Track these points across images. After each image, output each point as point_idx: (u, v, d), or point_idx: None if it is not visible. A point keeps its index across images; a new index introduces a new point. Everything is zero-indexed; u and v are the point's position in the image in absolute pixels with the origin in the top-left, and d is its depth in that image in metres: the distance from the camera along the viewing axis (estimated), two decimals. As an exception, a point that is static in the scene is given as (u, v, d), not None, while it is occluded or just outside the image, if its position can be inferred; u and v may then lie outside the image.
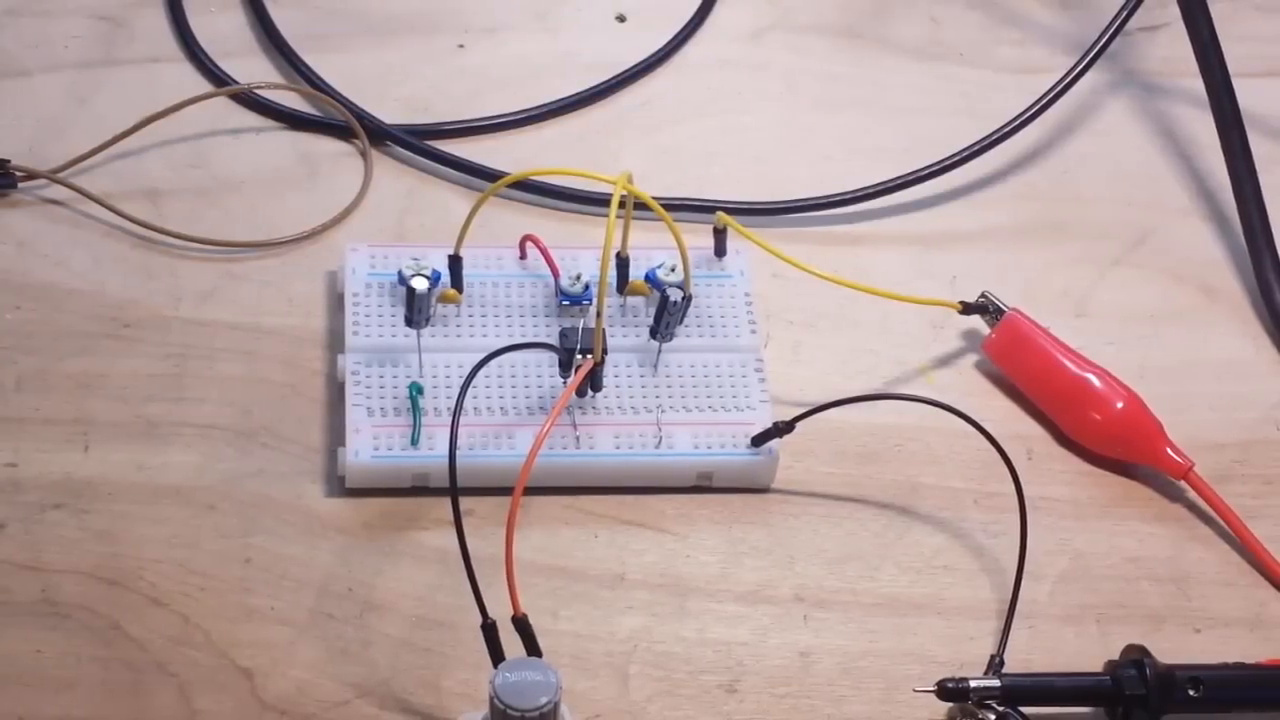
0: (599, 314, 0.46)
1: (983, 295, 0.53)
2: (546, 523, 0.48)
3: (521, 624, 0.43)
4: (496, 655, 0.43)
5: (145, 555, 0.46)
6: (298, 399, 0.50)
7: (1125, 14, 0.59)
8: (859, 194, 0.57)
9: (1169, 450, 0.50)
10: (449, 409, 0.48)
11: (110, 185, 0.55)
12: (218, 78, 0.59)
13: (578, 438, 0.49)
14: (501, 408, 0.49)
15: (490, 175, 0.56)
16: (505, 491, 0.45)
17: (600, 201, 0.56)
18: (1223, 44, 0.58)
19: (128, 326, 0.51)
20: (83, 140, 0.55)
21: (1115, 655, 0.46)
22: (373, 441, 0.48)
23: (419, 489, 0.48)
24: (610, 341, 0.49)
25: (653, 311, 0.50)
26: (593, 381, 0.48)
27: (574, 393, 0.48)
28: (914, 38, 0.64)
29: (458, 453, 0.45)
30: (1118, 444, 0.51)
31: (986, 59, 0.64)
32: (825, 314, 0.54)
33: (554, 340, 0.49)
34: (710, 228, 0.53)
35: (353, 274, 0.51)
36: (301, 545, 0.47)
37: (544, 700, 0.39)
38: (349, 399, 0.49)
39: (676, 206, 0.55)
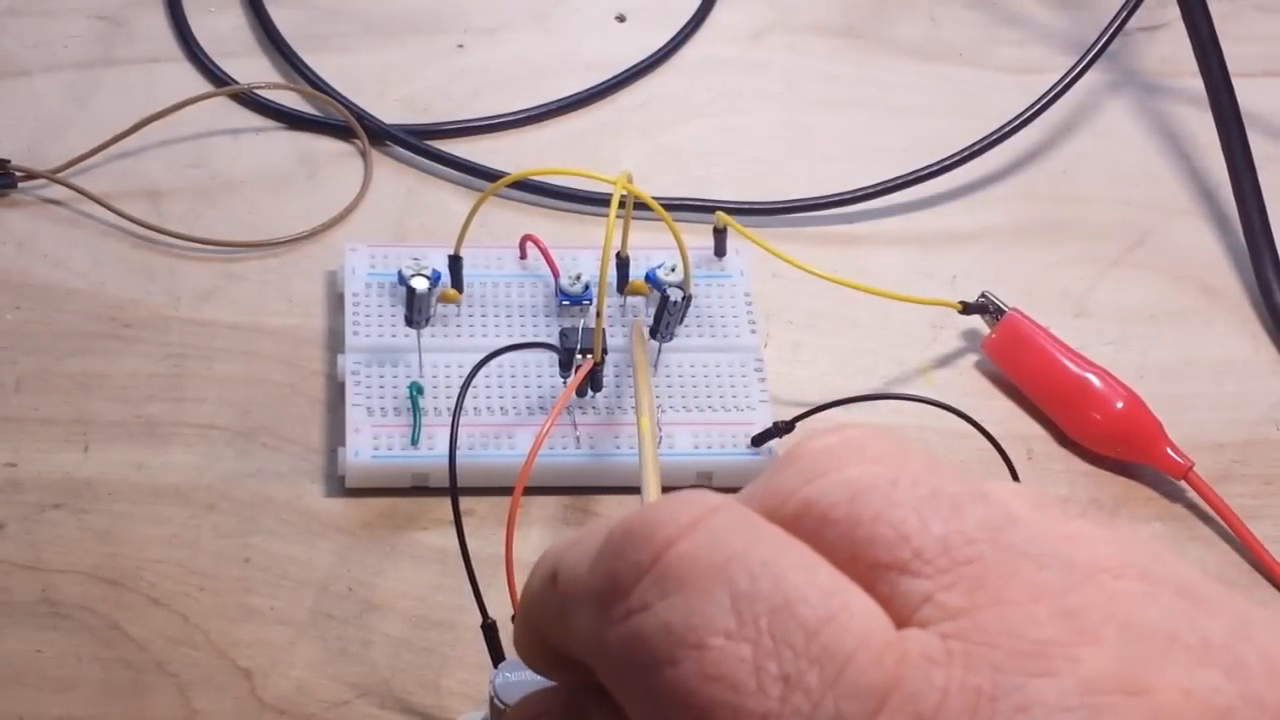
0: (599, 314, 0.46)
1: (983, 295, 0.53)
2: (546, 523, 0.48)
3: (521, 624, 0.43)
4: (496, 655, 0.43)
5: (145, 555, 0.46)
6: (297, 399, 0.50)
7: (1125, 14, 0.59)
8: (859, 194, 0.57)
9: (1169, 450, 0.50)
10: (449, 409, 0.48)
11: (110, 185, 0.55)
12: (217, 78, 0.59)
13: (578, 438, 0.49)
14: (501, 408, 0.49)
15: (490, 175, 0.56)
16: (505, 491, 0.45)
17: (600, 201, 0.56)
18: (1223, 44, 0.58)
19: (127, 326, 0.51)
20: (82, 140, 0.55)
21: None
22: (373, 441, 0.48)
23: (419, 489, 0.48)
24: (610, 341, 0.49)
25: (653, 311, 0.50)
26: (593, 381, 0.48)
27: (574, 393, 0.48)
28: (914, 38, 0.64)
29: (458, 453, 0.45)
30: (1118, 444, 0.51)
31: (986, 59, 0.64)
32: (825, 314, 0.54)
33: (554, 340, 0.49)
34: (710, 228, 0.53)
35: (352, 274, 0.51)
36: (301, 545, 0.47)
37: (544, 700, 0.39)
38: (349, 399, 0.49)
39: (676, 206, 0.55)
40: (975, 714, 0.21)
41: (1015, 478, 0.48)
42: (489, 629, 0.43)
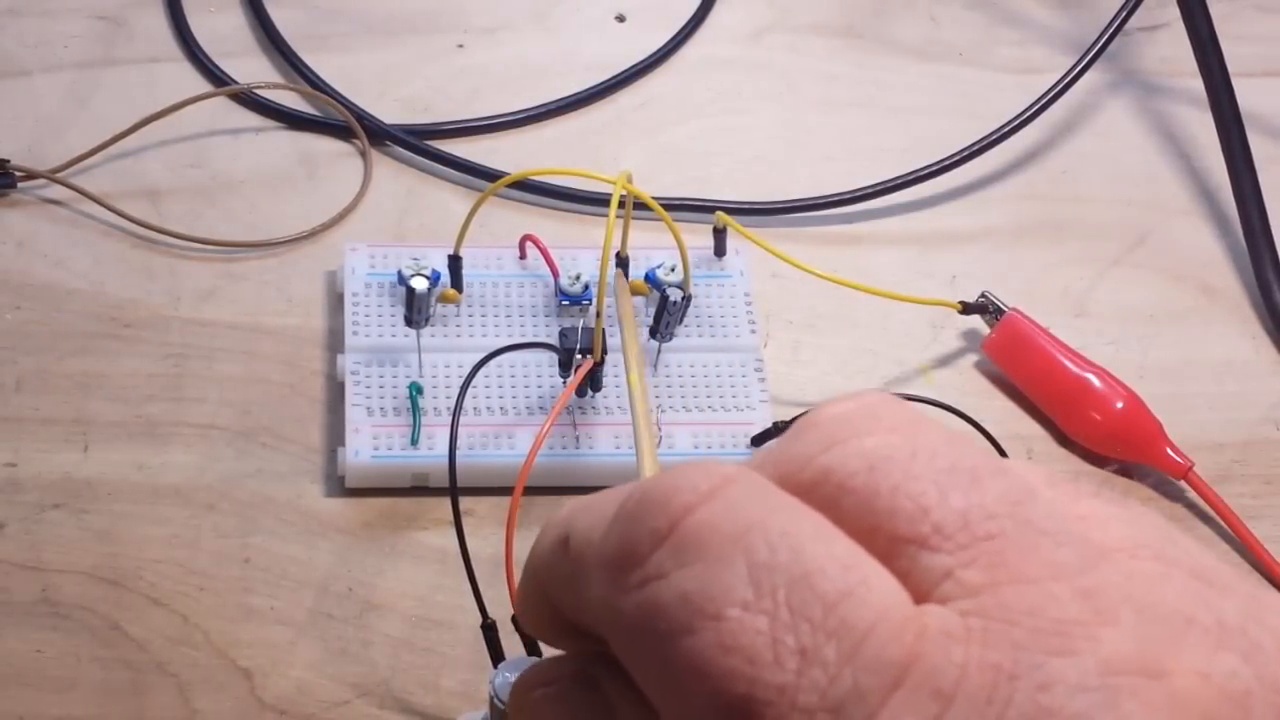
0: (599, 314, 0.46)
1: (983, 295, 0.53)
2: (546, 523, 0.48)
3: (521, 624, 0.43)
4: (496, 655, 0.43)
5: (145, 555, 0.46)
6: (297, 399, 0.50)
7: (1125, 14, 0.59)
8: (859, 194, 0.57)
9: (1169, 450, 0.50)
10: (449, 409, 0.48)
11: (110, 185, 0.55)
12: (217, 78, 0.59)
13: (578, 438, 0.49)
14: (501, 408, 0.49)
15: (490, 175, 0.56)
16: (505, 491, 0.45)
17: (600, 201, 0.56)
18: (1223, 44, 0.58)
19: (128, 326, 0.51)
20: (82, 140, 0.55)
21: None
22: (372, 441, 0.48)
23: (419, 489, 0.48)
24: (610, 341, 0.49)
25: (653, 311, 0.50)
26: (592, 381, 0.48)
27: (574, 393, 0.48)
28: (914, 38, 0.64)
29: (457, 453, 0.45)
30: (1118, 444, 0.51)
31: (986, 59, 0.64)
32: (825, 314, 0.54)
33: (554, 340, 0.49)
34: (710, 228, 0.53)
35: (352, 274, 0.51)
36: (301, 545, 0.47)
37: (544, 700, 0.39)
38: (349, 399, 0.49)
39: (676, 206, 0.55)
40: (995, 691, 0.21)
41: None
42: (489, 629, 0.43)
